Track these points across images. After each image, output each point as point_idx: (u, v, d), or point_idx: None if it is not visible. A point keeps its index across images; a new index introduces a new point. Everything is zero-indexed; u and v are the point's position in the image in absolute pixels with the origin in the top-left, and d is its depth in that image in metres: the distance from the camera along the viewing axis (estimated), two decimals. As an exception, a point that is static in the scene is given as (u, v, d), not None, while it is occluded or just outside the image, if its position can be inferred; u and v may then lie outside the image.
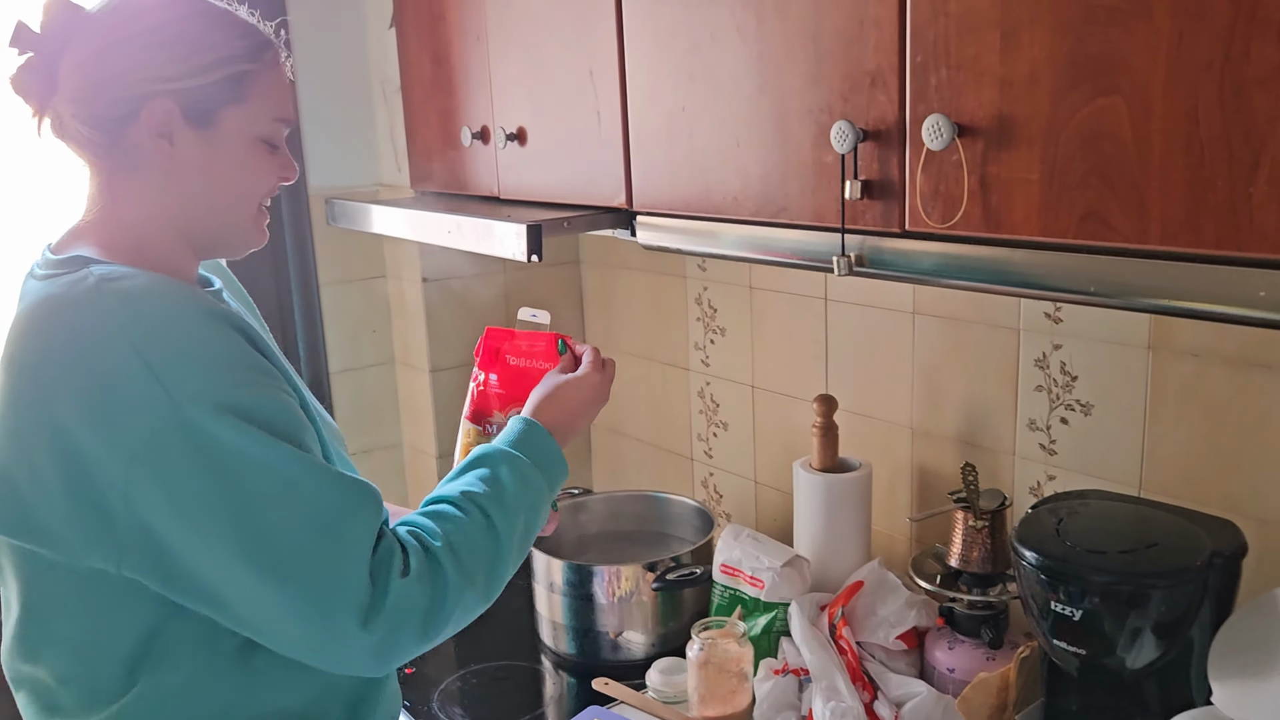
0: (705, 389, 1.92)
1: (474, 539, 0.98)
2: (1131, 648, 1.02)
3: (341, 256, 2.09)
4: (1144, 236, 0.82)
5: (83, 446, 0.88)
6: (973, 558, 1.32)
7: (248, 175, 1.04)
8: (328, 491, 0.91)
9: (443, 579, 0.94)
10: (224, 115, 1.01)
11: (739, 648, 1.39)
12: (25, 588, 0.98)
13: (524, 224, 1.33)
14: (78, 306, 0.92)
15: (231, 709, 0.99)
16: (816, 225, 1.10)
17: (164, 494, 0.87)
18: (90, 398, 0.88)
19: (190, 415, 0.87)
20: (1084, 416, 1.32)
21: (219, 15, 1.03)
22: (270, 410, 0.91)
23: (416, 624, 0.92)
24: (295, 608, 0.89)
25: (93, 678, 0.97)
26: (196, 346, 0.91)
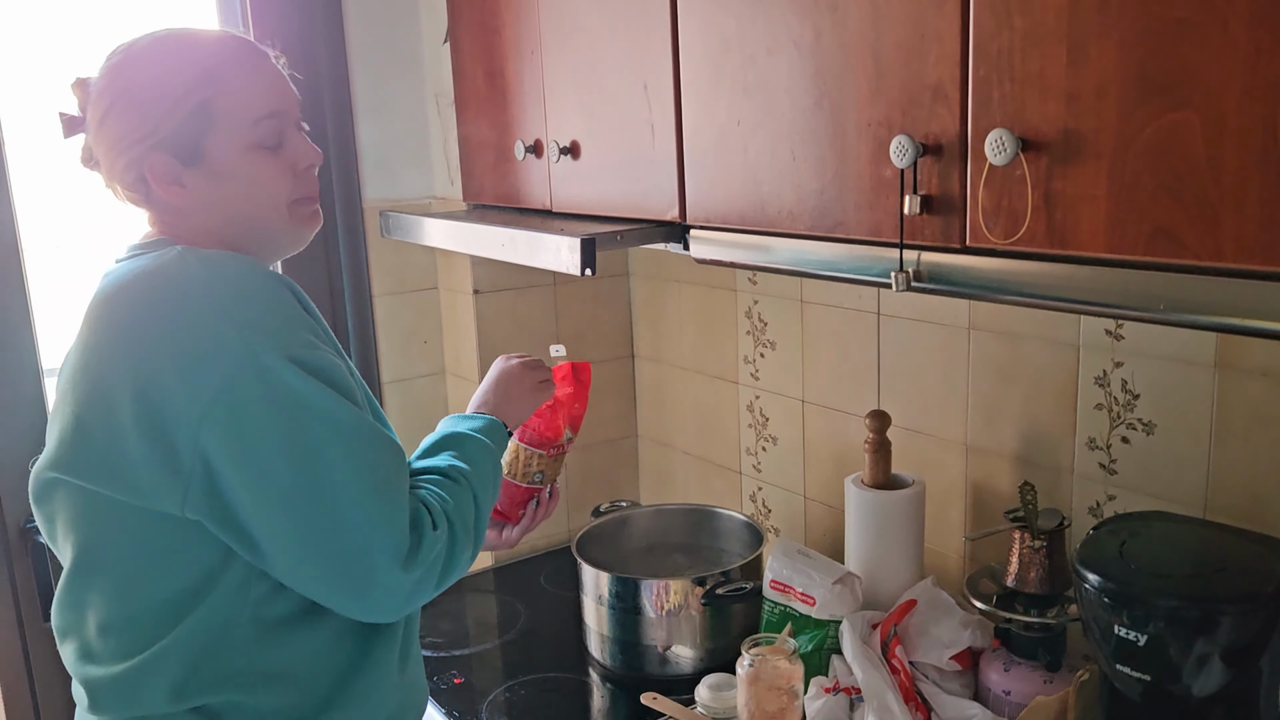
0: (755, 402, 1.91)
1: (465, 506, 1.10)
2: (1198, 675, 1.00)
3: (394, 268, 2.11)
4: (1217, 254, 0.80)
5: (163, 388, 0.96)
6: (1030, 578, 1.29)
7: (259, 185, 1.09)
8: (379, 443, 1.02)
9: (454, 535, 1.06)
10: (209, 145, 1.06)
11: (789, 665, 1.38)
12: (84, 535, 1.04)
13: (578, 237, 1.33)
14: (164, 270, 1.02)
15: (251, 661, 1.04)
16: (874, 240, 1.09)
17: (234, 432, 0.96)
18: (175, 343, 0.97)
19: (265, 361, 0.96)
20: (1146, 436, 1.29)
21: (169, 54, 1.07)
22: (330, 370, 1.01)
23: (439, 571, 1.04)
24: (344, 546, 0.98)
25: (133, 624, 1.03)
26: (270, 305, 1.01)
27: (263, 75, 1.09)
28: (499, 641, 1.82)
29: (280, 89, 1.11)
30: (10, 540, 1.82)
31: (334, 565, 0.99)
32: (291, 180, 1.11)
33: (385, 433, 1.05)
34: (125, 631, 1.04)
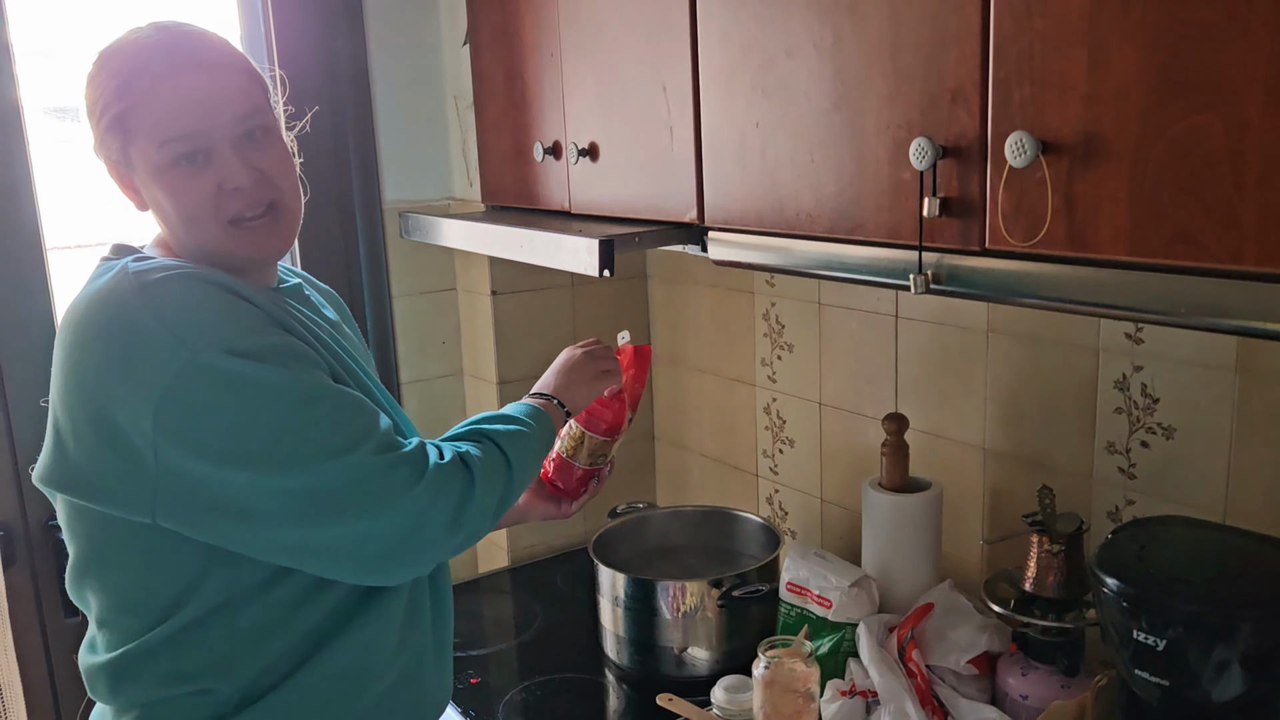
0: (771, 405, 1.91)
1: (491, 457, 1.10)
2: (1218, 680, 0.99)
3: (413, 269, 2.12)
4: (1238, 257, 0.80)
5: (112, 401, 0.99)
6: (1048, 582, 1.29)
7: (182, 203, 1.08)
8: (341, 399, 1.03)
9: (471, 477, 1.06)
10: (134, 156, 1.08)
11: (806, 667, 1.37)
12: (79, 538, 1.09)
13: (596, 239, 1.34)
14: (103, 290, 1.04)
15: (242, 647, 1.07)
16: (893, 242, 1.09)
17: (191, 433, 0.98)
18: (116, 357, 0.99)
19: (204, 360, 0.98)
20: (1166, 440, 1.29)
21: (106, 61, 1.08)
22: (278, 349, 1.02)
23: (449, 509, 1.03)
24: (338, 487, 0.99)
25: (125, 619, 1.07)
26: (204, 307, 1.02)
27: (176, 94, 1.04)
28: (515, 642, 1.82)
29: (198, 108, 1.05)
30: (33, 536, 1.84)
31: (330, 520, 1.00)
32: (215, 200, 1.07)
33: (347, 390, 1.06)
34: (118, 626, 1.08)
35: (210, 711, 1.07)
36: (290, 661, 1.09)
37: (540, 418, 1.21)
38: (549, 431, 1.22)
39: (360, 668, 1.12)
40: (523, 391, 2.06)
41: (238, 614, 1.06)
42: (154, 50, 1.06)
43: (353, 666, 1.11)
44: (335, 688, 1.11)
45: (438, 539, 1.04)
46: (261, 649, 1.08)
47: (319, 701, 1.10)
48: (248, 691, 1.08)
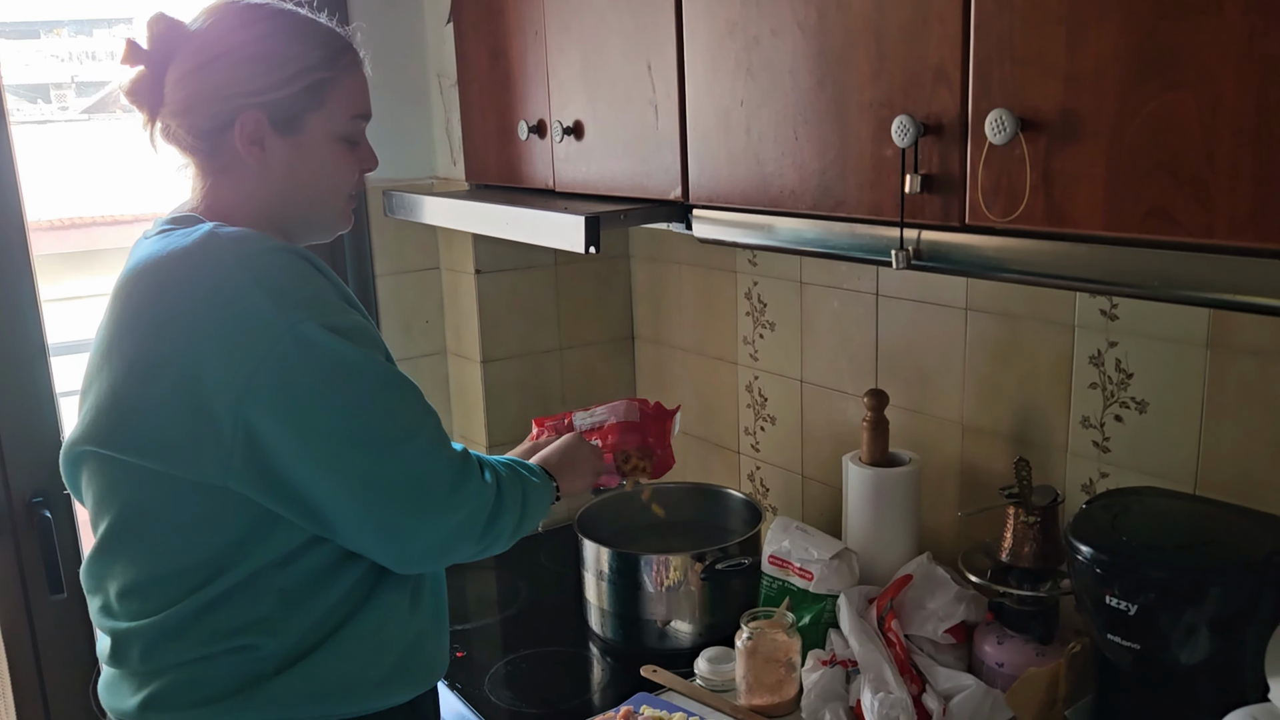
0: (753, 383, 1.93)
1: (516, 489, 1.20)
2: (1187, 644, 1.02)
3: (397, 248, 2.12)
4: (1210, 231, 0.82)
5: (202, 364, 1.01)
6: (1024, 553, 1.32)
7: (331, 172, 1.17)
8: (412, 388, 1.10)
9: (501, 498, 1.16)
10: (308, 120, 1.14)
11: (787, 638, 1.40)
12: (119, 504, 1.09)
13: (582, 216, 1.35)
14: (196, 249, 1.06)
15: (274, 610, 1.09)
16: (875, 219, 1.11)
17: (280, 401, 1.01)
18: (212, 321, 1.02)
19: (303, 330, 1.02)
20: (1139, 414, 1.32)
21: (298, 28, 1.15)
22: (361, 330, 1.08)
23: (482, 523, 1.13)
24: (398, 484, 1.06)
25: (159, 585, 1.08)
26: (299, 277, 1.07)
27: (364, 78, 1.20)
28: (500, 617, 1.84)
29: (368, 95, 1.20)
30: (16, 515, 1.84)
31: (388, 507, 1.06)
32: (354, 178, 1.20)
33: (411, 381, 1.12)
34: (149, 593, 1.09)
35: (251, 669, 1.09)
36: (331, 622, 1.12)
37: (548, 485, 1.31)
38: (550, 500, 1.31)
39: (385, 631, 1.15)
40: (506, 370, 2.11)
41: (280, 574, 1.09)
42: (343, 35, 1.18)
43: (379, 629, 1.15)
44: (365, 649, 1.14)
45: (466, 546, 1.15)
46: (303, 609, 1.10)
47: (352, 664, 1.13)
48: (290, 651, 1.10)
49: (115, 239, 3.05)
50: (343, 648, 1.12)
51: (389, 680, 1.17)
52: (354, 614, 1.13)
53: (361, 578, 1.14)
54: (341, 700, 1.14)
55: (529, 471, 1.27)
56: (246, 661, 1.09)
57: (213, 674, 1.09)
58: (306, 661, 1.10)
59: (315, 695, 1.12)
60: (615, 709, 1.41)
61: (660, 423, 1.54)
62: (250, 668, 1.09)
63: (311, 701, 1.12)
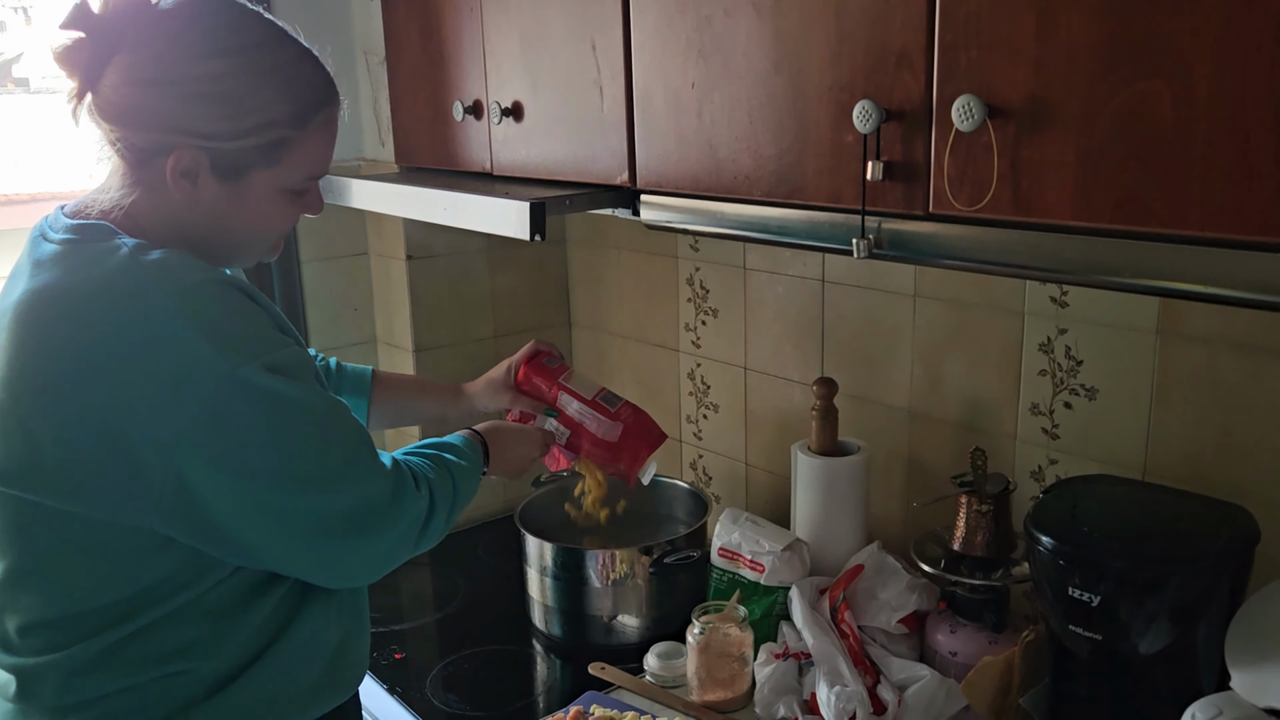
0: (696, 370, 1.90)
1: (445, 483, 1.15)
2: (1146, 633, 1.03)
3: (322, 232, 2.03)
4: (1184, 222, 0.81)
5: (132, 412, 0.93)
6: (976, 542, 1.32)
7: (268, 221, 1.08)
8: (348, 417, 1.05)
9: (433, 502, 1.11)
10: (254, 175, 1.03)
11: (740, 632, 1.38)
12: (27, 539, 1.00)
13: (527, 201, 1.30)
14: (119, 279, 0.96)
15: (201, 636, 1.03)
16: (834, 206, 1.08)
17: (218, 449, 0.94)
18: (144, 367, 0.93)
19: (243, 375, 0.94)
20: (1088, 401, 1.32)
21: (275, 71, 1.02)
22: (300, 364, 1.01)
23: (416, 533, 1.09)
24: (334, 519, 1.01)
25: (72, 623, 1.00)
26: (236, 314, 0.98)
27: (333, 134, 1.08)
28: (439, 615, 1.79)
29: (333, 151, 1.09)
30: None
31: (323, 536, 1.02)
32: (293, 222, 1.11)
33: (344, 404, 1.07)
34: (60, 627, 1.00)
35: (182, 694, 1.03)
36: (264, 636, 1.06)
37: (479, 459, 1.27)
38: (479, 478, 1.27)
39: (314, 640, 1.10)
40: (440, 360, 2.04)
41: (207, 596, 1.02)
42: (326, 80, 1.07)
43: (310, 639, 1.10)
44: (299, 659, 1.09)
45: (401, 557, 1.10)
46: (235, 626, 1.04)
47: (286, 676, 1.08)
48: (225, 671, 1.04)
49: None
50: (278, 660, 1.07)
51: (319, 688, 1.13)
52: (287, 625, 1.08)
53: (290, 588, 1.08)
54: (276, 715, 1.09)
55: (457, 455, 1.21)
56: (178, 687, 1.02)
57: (140, 703, 1.01)
58: (241, 679, 1.04)
59: (251, 713, 1.06)
60: (565, 710, 1.37)
61: (638, 450, 1.46)
62: (182, 693, 1.02)
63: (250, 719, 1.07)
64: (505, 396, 1.48)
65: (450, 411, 1.52)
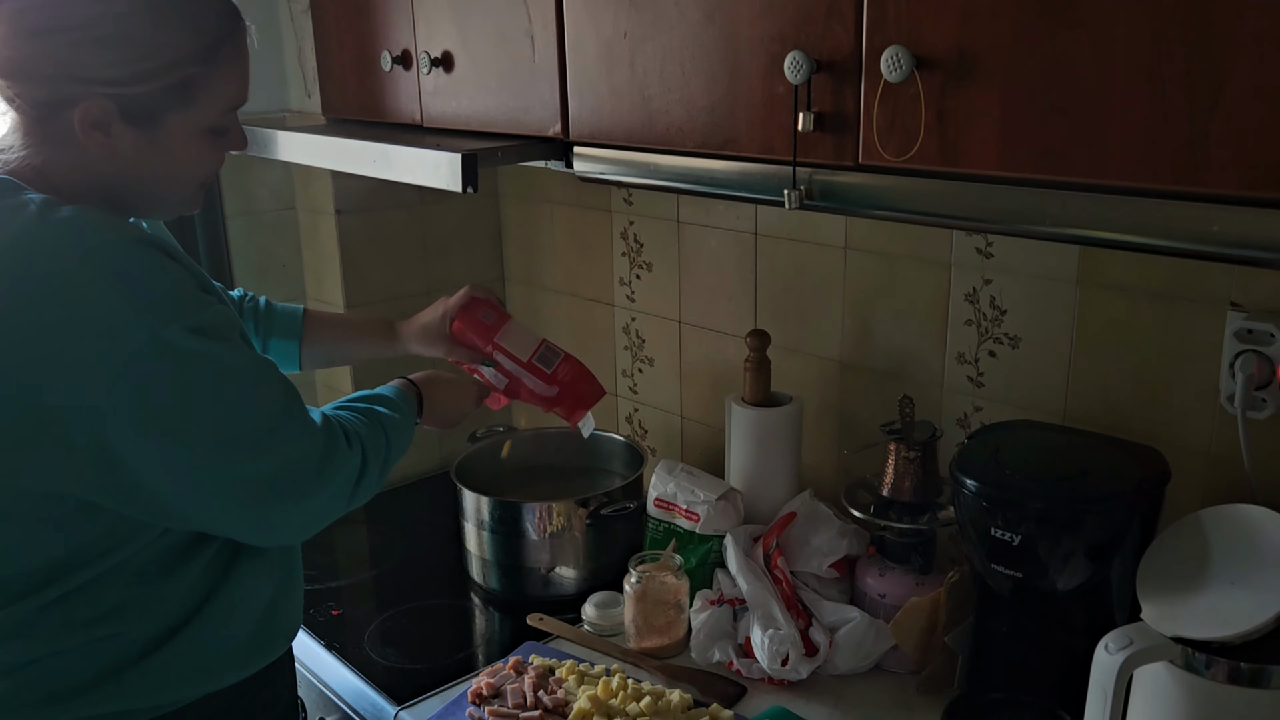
0: (630, 325, 1.91)
1: (377, 438, 1.14)
2: (1064, 570, 1.07)
3: (247, 187, 1.98)
4: (1102, 172, 0.83)
5: (51, 378, 0.89)
6: (904, 487, 1.35)
7: (189, 163, 1.03)
8: (277, 376, 1.03)
9: (365, 459, 1.10)
10: (168, 119, 0.98)
11: (675, 580, 1.40)
12: None
13: (458, 153, 1.28)
14: (30, 238, 0.92)
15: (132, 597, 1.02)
16: (766, 158, 1.09)
17: (142, 414, 0.91)
18: (64, 333, 0.90)
19: (166, 337, 0.91)
20: (1012, 350, 1.36)
21: (170, 8, 0.97)
22: (224, 324, 0.98)
23: (349, 491, 1.08)
24: (266, 478, 0.99)
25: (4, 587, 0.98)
26: (157, 274, 0.94)
27: (244, 64, 1.04)
28: (376, 572, 1.78)
29: (248, 80, 1.05)
30: None
31: (254, 498, 1.00)
32: (216, 163, 1.07)
33: (272, 362, 1.05)
34: None
35: (112, 656, 1.01)
36: (196, 595, 1.05)
37: (412, 410, 1.26)
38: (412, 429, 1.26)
39: (248, 598, 1.09)
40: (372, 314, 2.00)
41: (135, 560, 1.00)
42: (228, 14, 1.01)
43: (244, 598, 1.09)
44: (233, 618, 1.08)
45: (334, 514, 1.10)
46: (165, 587, 1.03)
47: (220, 636, 1.07)
48: (156, 632, 1.03)
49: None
50: (211, 620, 1.06)
51: (252, 645, 1.12)
52: (219, 584, 1.07)
53: (221, 548, 1.07)
54: (210, 675, 1.09)
55: (389, 407, 1.19)
56: (108, 649, 1.01)
57: (69, 667, 1.00)
58: (174, 640, 1.03)
59: (183, 674, 1.06)
60: (504, 660, 1.38)
61: (577, 402, 1.47)
62: (112, 655, 1.01)
63: (180, 682, 1.06)
64: (440, 346, 1.46)
65: (384, 353, 1.50)
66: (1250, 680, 0.93)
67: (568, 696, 1.29)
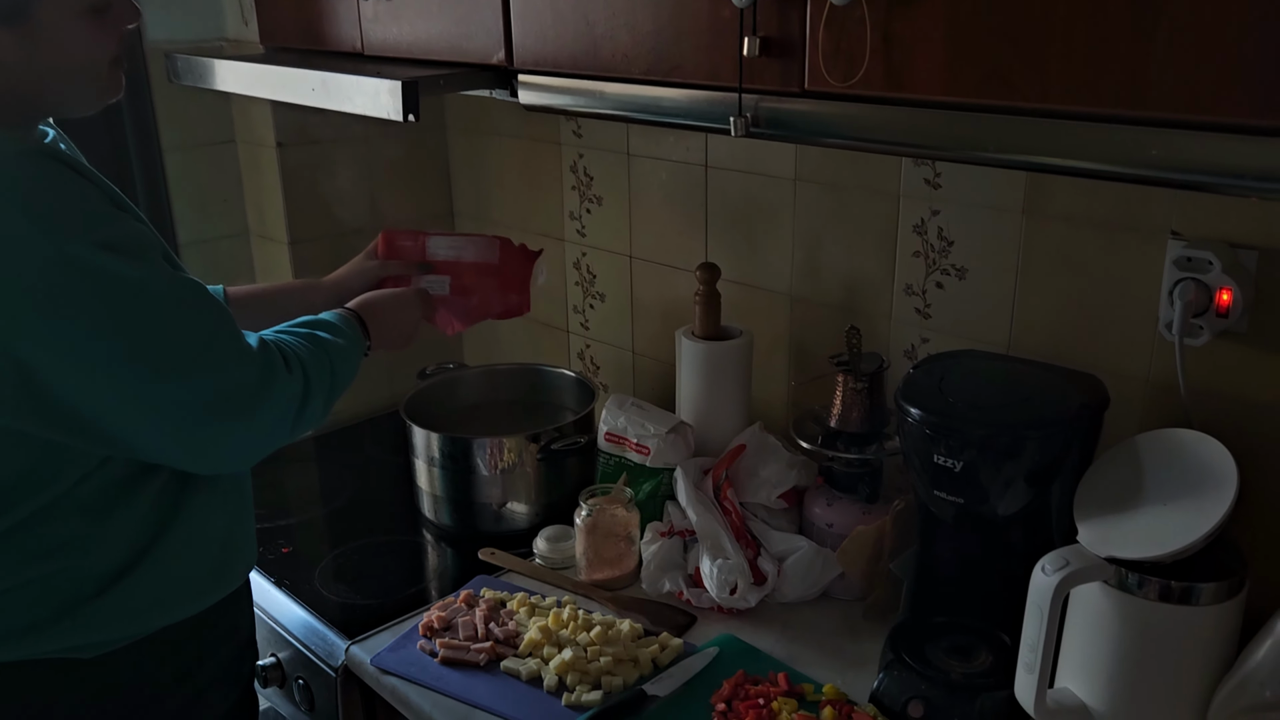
0: (581, 260, 1.89)
1: (321, 362, 1.11)
2: (1004, 495, 1.09)
3: (185, 119, 1.92)
4: (1045, 96, 0.83)
5: None
6: (852, 418, 1.36)
7: (80, 51, 0.98)
8: (200, 295, 1.00)
9: (308, 383, 1.08)
10: (40, 9, 0.93)
11: (626, 513, 1.41)
12: None
13: (399, 81, 1.25)
14: None
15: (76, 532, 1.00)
16: (712, 85, 1.07)
17: (52, 331, 0.90)
18: None
19: (72, 252, 0.89)
20: (959, 281, 1.37)
21: None
22: (138, 240, 0.96)
23: (293, 415, 1.06)
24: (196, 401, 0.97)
25: None
26: (60, 188, 0.92)
27: None
28: (327, 510, 1.77)
29: None
30: None
31: (188, 424, 0.98)
32: (112, 44, 1.01)
33: (200, 283, 1.01)
34: None
35: (68, 592, 1.00)
36: (149, 529, 1.04)
37: (358, 336, 1.24)
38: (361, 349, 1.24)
39: (201, 531, 1.09)
40: (318, 252, 1.97)
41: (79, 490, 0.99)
42: None
43: (197, 531, 1.08)
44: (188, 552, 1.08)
45: (277, 441, 1.07)
46: (114, 521, 1.01)
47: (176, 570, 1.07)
48: (111, 567, 1.02)
49: None
50: (167, 554, 1.05)
51: (210, 578, 1.12)
52: (171, 518, 1.06)
53: (168, 481, 1.06)
54: (170, 609, 1.09)
55: (334, 333, 1.18)
56: (62, 585, 1.00)
57: (24, 602, 0.99)
58: (132, 575, 1.03)
59: (141, 609, 1.05)
60: (455, 594, 1.39)
61: (523, 266, 1.48)
62: (68, 591, 1.00)
63: (138, 616, 1.05)
64: (372, 268, 1.44)
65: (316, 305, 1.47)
66: (1180, 598, 0.96)
67: (519, 628, 1.30)
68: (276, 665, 1.45)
